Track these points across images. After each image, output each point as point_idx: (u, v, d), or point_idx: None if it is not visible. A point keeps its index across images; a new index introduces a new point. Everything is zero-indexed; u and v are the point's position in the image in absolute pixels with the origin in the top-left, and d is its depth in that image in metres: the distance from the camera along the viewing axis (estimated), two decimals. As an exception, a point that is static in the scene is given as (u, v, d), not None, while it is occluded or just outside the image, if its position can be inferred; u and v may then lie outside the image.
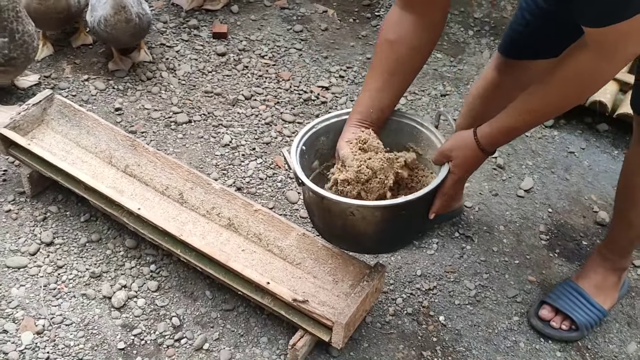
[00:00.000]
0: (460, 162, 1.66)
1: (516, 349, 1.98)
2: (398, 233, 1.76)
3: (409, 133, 1.85)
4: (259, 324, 1.96)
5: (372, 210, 1.66)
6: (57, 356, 1.83)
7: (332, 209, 1.69)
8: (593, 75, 1.47)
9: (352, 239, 1.77)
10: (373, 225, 1.69)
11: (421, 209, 1.71)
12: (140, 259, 2.08)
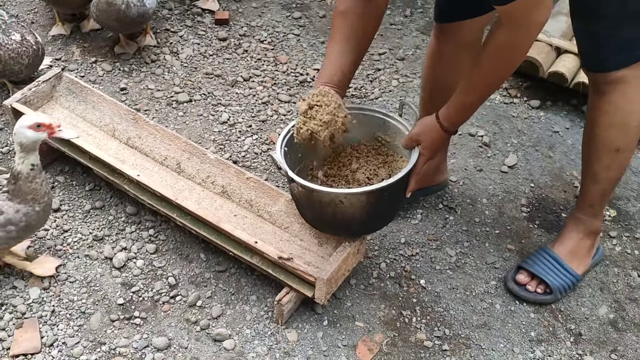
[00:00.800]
0: (428, 144, 1.84)
1: (492, 310, 2.09)
2: (381, 213, 1.92)
3: (377, 124, 2.02)
4: (249, 284, 2.09)
5: (358, 196, 1.81)
6: (62, 309, 1.98)
7: (322, 200, 1.84)
8: (513, 47, 1.65)
9: (343, 224, 1.90)
10: (360, 210, 1.84)
11: (399, 190, 1.87)
12: (140, 224, 2.22)
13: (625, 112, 1.88)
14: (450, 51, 2.06)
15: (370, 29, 1.91)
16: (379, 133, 2.02)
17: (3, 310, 1.96)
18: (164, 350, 1.90)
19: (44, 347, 1.88)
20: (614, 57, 1.83)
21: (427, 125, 1.84)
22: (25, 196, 1.84)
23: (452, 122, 1.82)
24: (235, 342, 1.93)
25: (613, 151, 1.94)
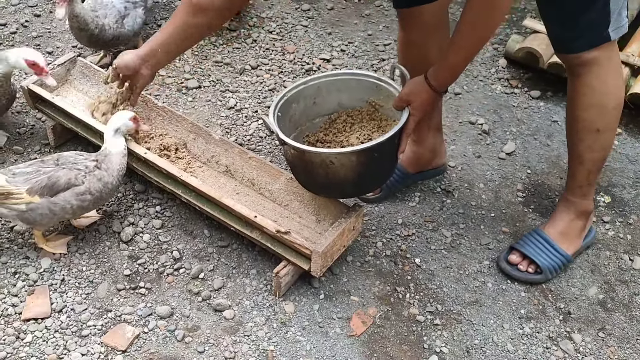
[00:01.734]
0: (418, 104, 1.89)
1: (484, 289, 2.16)
2: (373, 173, 1.97)
3: (369, 88, 2.08)
4: (250, 259, 2.18)
5: (348, 155, 1.87)
6: (71, 278, 2.08)
7: (313, 160, 1.90)
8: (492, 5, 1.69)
9: (335, 186, 1.97)
10: (351, 170, 1.90)
11: (390, 150, 1.92)
12: (147, 202, 2.32)
13: (602, 92, 1.94)
14: (417, 38, 2.10)
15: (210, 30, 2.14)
16: (372, 97, 2.08)
17: (16, 278, 2.07)
18: (166, 318, 2.00)
19: (53, 313, 1.98)
20: (582, 39, 1.89)
21: (417, 86, 1.88)
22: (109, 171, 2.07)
23: (441, 82, 1.86)
24: (234, 312, 2.02)
25: (594, 132, 2.00)
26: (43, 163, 2.04)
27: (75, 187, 2.00)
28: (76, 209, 2.03)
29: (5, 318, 1.97)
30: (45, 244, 2.12)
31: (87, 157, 2.09)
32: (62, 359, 1.88)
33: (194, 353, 1.92)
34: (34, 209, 1.98)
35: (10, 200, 1.95)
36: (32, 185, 1.97)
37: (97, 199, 2.06)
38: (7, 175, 1.99)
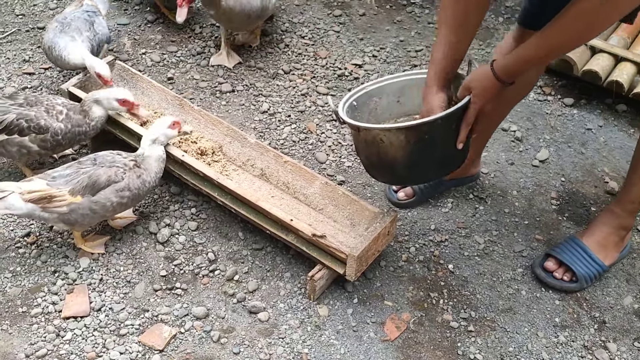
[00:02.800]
0: (480, 91, 1.81)
1: (518, 296, 2.15)
2: (426, 159, 1.87)
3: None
4: (284, 262, 2.19)
5: (396, 133, 1.81)
6: (109, 278, 2.12)
7: (367, 139, 1.86)
8: (595, 15, 1.63)
9: (387, 166, 1.90)
10: (401, 150, 1.83)
11: (445, 135, 1.84)
12: (183, 204, 2.35)
13: None
14: None
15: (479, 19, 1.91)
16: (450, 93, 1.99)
17: (56, 277, 2.11)
18: (202, 319, 2.02)
19: (92, 311, 2.02)
20: None
21: (480, 74, 1.81)
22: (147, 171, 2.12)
23: (509, 72, 1.79)
24: (269, 315, 2.04)
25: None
26: (80, 164, 2.08)
27: (115, 183, 2.03)
28: (116, 206, 2.07)
29: (46, 315, 2.01)
30: (84, 244, 2.16)
31: (126, 157, 2.12)
32: (101, 357, 1.91)
33: (229, 354, 1.95)
34: (76, 209, 2.01)
35: (53, 204, 1.99)
36: (74, 186, 2.01)
37: (135, 196, 2.10)
38: (46, 180, 2.02)
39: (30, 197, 1.98)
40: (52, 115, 2.21)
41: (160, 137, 2.15)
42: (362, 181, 2.49)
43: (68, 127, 2.22)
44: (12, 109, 2.20)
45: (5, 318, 2.00)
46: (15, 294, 2.06)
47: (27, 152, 2.22)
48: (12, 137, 2.18)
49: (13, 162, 2.43)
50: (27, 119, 2.18)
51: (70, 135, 2.23)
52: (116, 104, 2.27)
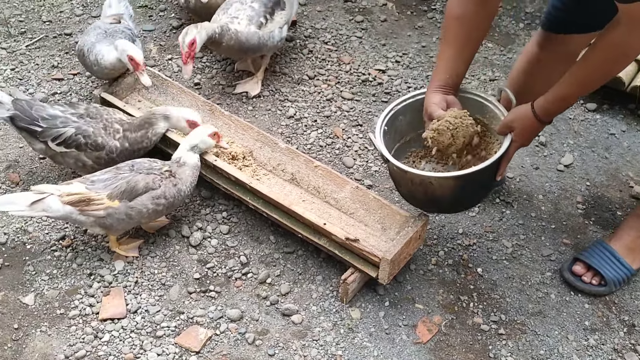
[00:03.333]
0: (521, 131, 1.90)
1: (547, 300, 2.17)
2: (471, 195, 2.00)
3: (475, 106, 2.07)
4: (315, 265, 2.22)
5: (447, 180, 1.91)
6: (144, 280, 2.15)
7: (414, 180, 1.95)
8: (625, 47, 1.69)
9: (433, 203, 2.01)
10: (449, 191, 1.94)
11: (489, 174, 1.95)
12: (214, 207, 2.39)
13: None
14: (548, 60, 2.12)
15: (482, 32, 1.99)
16: (478, 115, 2.08)
17: (92, 279, 2.14)
18: (237, 321, 2.05)
19: (128, 313, 2.05)
20: None
21: (521, 113, 1.89)
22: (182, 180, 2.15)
23: (548, 112, 1.86)
24: (302, 317, 2.07)
25: None
26: (118, 170, 2.11)
27: (152, 190, 2.07)
28: (151, 213, 2.10)
29: (83, 317, 2.04)
30: (119, 247, 2.19)
31: (162, 165, 2.16)
32: (139, 358, 1.94)
33: (264, 356, 1.97)
34: (112, 214, 2.05)
35: (91, 207, 2.02)
36: (112, 190, 2.04)
37: (170, 205, 2.13)
38: (85, 184, 2.06)
39: (68, 200, 2.02)
40: (109, 133, 2.24)
41: (200, 144, 2.18)
42: (389, 185, 2.51)
43: (125, 145, 2.25)
44: (71, 121, 2.22)
45: (44, 320, 2.03)
46: (53, 296, 2.09)
47: (82, 165, 2.26)
48: (69, 150, 2.22)
49: (56, 167, 2.48)
50: (85, 134, 2.21)
51: (126, 153, 2.26)
52: (184, 123, 2.28)
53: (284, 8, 2.83)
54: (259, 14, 2.73)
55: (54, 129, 2.21)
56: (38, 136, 2.22)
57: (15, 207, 2.00)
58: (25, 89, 2.85)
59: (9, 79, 2.89)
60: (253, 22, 2.70)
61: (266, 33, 2.73)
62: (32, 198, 2.01)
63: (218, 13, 2.75)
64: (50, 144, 2.22)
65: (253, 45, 2.71)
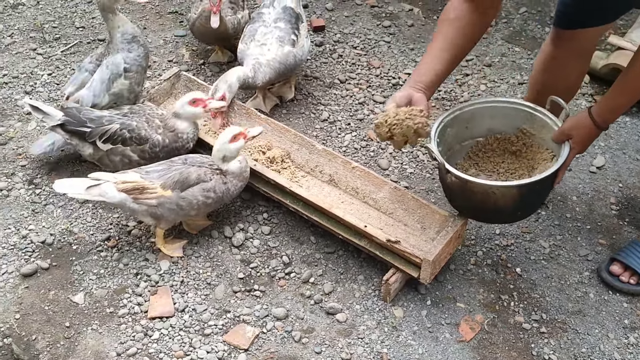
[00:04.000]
0: (580, 139, 1.96)
1: (586, 299, 2.20)
2: (531, 203, 2.04)
3: (524, 117, 2.12)
4: (356, 265, 2.26)
5: (510, 188, 1.94)
6: (190, 280, 2.19)
7: (474, 190, 1.96)
8: None
9: (493, 213, 2.03)
10: (511, 200, 1.96)
11: (549, 182, 1.99)
12: (254, 209, 2.43)
13: None
14: (563, 57, 2.18)
15: (474, 37, 2.03)
16: (525, 125, 2.12)
17: (138, 279, 2.19)
18: (282, 319, 2.09)
19: (176, 312, 2.09)
20: None
21: (580, 121, 1.95)
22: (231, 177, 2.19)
23: (604, 119, 1.93)
24: (347, 316, 2.11)
25: None
26: (172, 162, 2.17)
27: (203, 182, 2.11)
28: (200, 205, 2.15)
29: (133, 316, 2.08)
30: (164, 245, 2.23)
31: (213, 162, 2.20)
32: (189, 355, 1.98)
33: (311, 353, 2.01)
34: (164, 203, 2.10)
35: (144, 195, 2.08)
36: (165, 180, 2.10)
37: (218, 199, 2.18)
38: (140, 173, 2.12)
39: (123, 187, 2.07)
40: (151, 127, 2.30)
41: (227, 153, 2.16)
42: (425, 187, 2.55)
43: (166, 141, 2.31)
44: (116, 118, 2.29)
45: (94, 318, 2.08)
46: (102, 295, 2.14)
47: (128, 161, 2.31)
48: (116, 146, 2.27)
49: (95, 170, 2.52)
50: (129, 129, 2.27)
51: (168, 149, 2.31)
52: (190, 107, 2.30)
53: (302, 20, 2.84)
54: (288, 32, 2.70)
55: (101, 127, 2.27)
56: (87, 137, 2.28)
57: (74, 190, 2.08)
58: (62, 93, 2.90)
59: (47, 84, 2.94)
60: (285, 41, 2.67)
61: (299, 49, 2.73)
62: (89, 183, 2.07)
63: (244, 41, 2.69)
64: (98, 143, 2.27)
65: (291, 65, 2.69)
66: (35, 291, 2.15)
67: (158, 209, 2.10)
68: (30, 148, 2.54)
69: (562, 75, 2.15)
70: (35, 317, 2.08)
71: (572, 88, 2.34)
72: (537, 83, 2.30)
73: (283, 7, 2.79)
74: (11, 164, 2.57)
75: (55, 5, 3.42)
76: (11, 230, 2.33)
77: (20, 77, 2.97)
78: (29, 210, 2.40)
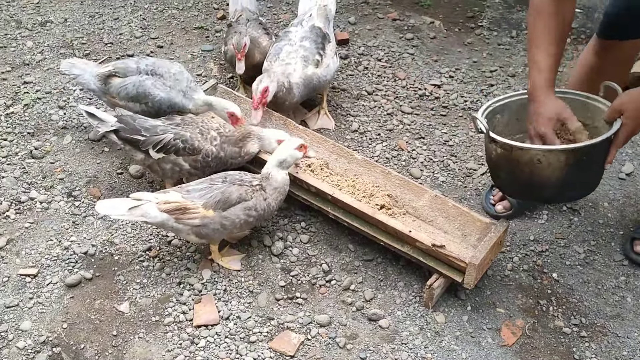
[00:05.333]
0: (632, 113, 1.86)
1: (624, 303, 2.23)
2: (577, 179, 1.92)
3: (577, 107, 2.02)
4: (395, 272, 2.29)
5: (557, 154, 1.85)
6: (232, 288, 2.22)
7: (520, 159, 1.88)
8: None
9: (537, 187, 1.93)
10: (557, 171, 1.87)
11: (598, 157, 1.89)
12: (292, 218, 2.46)
13: None
14: (608, 66, 2.19)
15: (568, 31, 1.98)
16: (578, 116, 2.02)
17: (182, 288, 2.21)
18: (326, 326, 2.11)
19: (221, 320, 2.11)
20: None
21: (632, 94, 1.86)
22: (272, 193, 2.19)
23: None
24: (389, 322, 2.13)
25: None
26: (212, 180, 2.19)
27: (244, 201, 2.14)
28: (243, 224, 2.17)
29: (178, 324, 2.11)
30: (221, 259, 2.26)
31: (252, 178, 2.22)
32: (236, 362, 2.00)
33: (356, 359, 2.03)
34: (207, 224, 2.12)
35: (186, 215, 2.10)
36: (207, 200, 2.12)
37: (260, 217, 2.20)
38: (181, 193, 2.14)
39: (166, 208, 2.09)
40: (205, 138, 2.33)
41: (288, 158, 2.20)
42: (457, 195, 2.59)
43: (221, 154, 2.33)
44: (170, 128, 2.33)
45: (140, 327, 2.10)
46: (147, 304, 2.16)
47: (179, 169, 2.35)
48: (168, 155, 2.31)
49: (134, 181, 2.57)
50: (182, 139, 2.30)
51: (220, 162, 2.34)
52: (275, 145, 2.32)
53: (330, 40, 2.84)
54: (312, 52, 2.70)
55: (155, 136, 2.31)
56: (140, 145, 2.32)
57: (117, 212, 2.09)
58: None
59: (80, 99, 2.99)
60: (309, 62, 2.67)
61: (324, 69, 2.71)
62: (131, 204, 2.09)
63: (269, 60, 2.71)
64: (151, 151, 2.31)
65: (314, 87, 2.71)
66: (81, 301, 2.17)
67: (202, 228, 2.13)
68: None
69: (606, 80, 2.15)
70: (82, 326, 2.10)
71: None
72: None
73: (310, 26, 2.81)
74: (49, 177, 2.61)
75: (82, 23, 3.48)
76: (53, 242, 2.36)
77: (53, 92, 3.02)
78: (69, 222, 2.43)
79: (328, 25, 2.89)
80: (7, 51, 3.26)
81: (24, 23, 3.45)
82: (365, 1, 3.68)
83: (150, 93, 2.46)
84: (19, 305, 2.15)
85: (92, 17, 3.51)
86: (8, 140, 2.76)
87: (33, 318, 2.12)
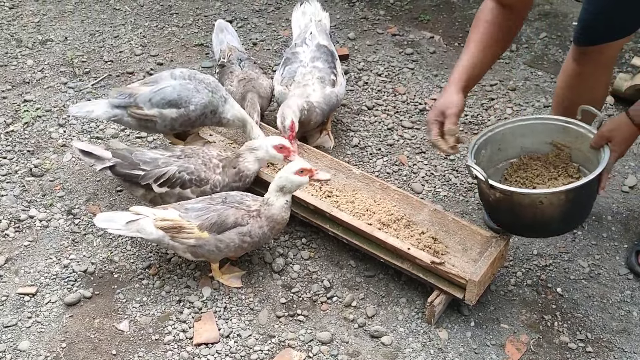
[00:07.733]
0: (620, 140, 1.95)
1: (630, 317, 2.20)
2: (578, 211, 2.01)
3: (555, 130, 2.12)
4: (397, 288, 2.26)
5: (558, 194, 1.92)
6: (233, 306, 2.19)
7: (522, 202, 1.94)
8: None
9: (541, 225, 2.00)
10: (559, 208, 1.94)
11: (594, 187, 1.97)
12: (292, 234, 2.44)
13: None
14: (589, 72, 2.22)
15: (505, 44, 2.05)
16: (558, 139, 2.12)
17: (182, 306, 2.19)
18: (327, 343, 2.09)
19: (222, 338, 2.09)
20: None
21: (619, 122, 1.94)
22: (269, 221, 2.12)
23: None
24: (392, 339, 2.10)
25: None
26: (212, 200, 2.16)
27: (240, 226, 2.10)
28: (237, 248, 2.14)
29: (178, 343, 2.08)
30: (222, 277, 2.24)
31: (252, 202, 2.16)
32: (237, 381, 1.98)
33: (359, 377, 2.00)
34: (202, 245, 2.10)
35: (181, 234, 2.08)
36: (203, 221, 2.09)
37: (254, 243, 2.16)
38: (179, 211, 2.12)
39: (162, 225, 2.08)
40: (209, 168, 2.26)
41: (287, 184, 2.09)
42: (459, 210, 2.57)
43: (226, 180, 2.26)
44: (172, 160, 2.25)
45: (140, 345, 2.08)
46: (146, 323, 2.14)
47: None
48: (173, 189, 2.24)
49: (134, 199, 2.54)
50: (188, 171, 2.23)
51: (227, 189, 2.27)
52: (274, 151, 2.22)
53: (336, 57, 2.84)
54: (327, 72, 2.68)
55: (157, 170, 2.23)
56: (140, 180, 2.23)
57: (114, 225, 2.08)
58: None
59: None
60: (326, 82, 2.65)
61: (339, 87, 2.71)
62: (129, 218, 2.07)
63: (284, 84, 2.68)
64: (153, 186, 2.23)
65: (334, 105, 2.69)
66: (80, 320, 2.15)
67: (197, 248, 2.10)
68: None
69: (588, 89, 2.20)
70: (81, 346, 2.08)
71: (600, 99, 2.37)
72: (563, 100, 2.33)
73: (317, 45, 2.80)
74: (49, 195, 2.60)
75: (82, 41, 3.49)
76: (52, 260, 2.34)
77: (53, 110, 3.02)
78: (69, 240, 2.42)
79: (329, 41, 2.89)
80: (7, 69, 3.27)
81: (25, 42, 3.46)
82: (365, 17, 3.69)
83: (194, 96, 2.36)
84: (17, 325, 2.13)
85: (93, 35, 3.53)
86: (8, 159, 2.75)
87: (32, 338, 2.10)
